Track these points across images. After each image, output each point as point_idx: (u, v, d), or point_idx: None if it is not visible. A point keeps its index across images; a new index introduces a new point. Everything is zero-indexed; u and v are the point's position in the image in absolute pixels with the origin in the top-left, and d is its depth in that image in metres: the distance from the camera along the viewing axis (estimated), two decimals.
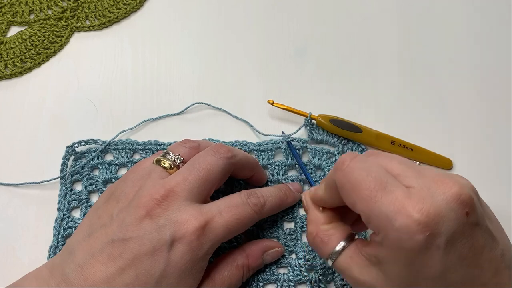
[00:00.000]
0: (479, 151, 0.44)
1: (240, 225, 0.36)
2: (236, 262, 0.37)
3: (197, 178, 0.35)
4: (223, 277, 0.37)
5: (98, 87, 0.48)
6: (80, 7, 0.51)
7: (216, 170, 0.36)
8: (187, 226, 0.33)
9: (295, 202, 0.41)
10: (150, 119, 0.46)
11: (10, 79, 0.48)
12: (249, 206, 0.36)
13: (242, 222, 0.36)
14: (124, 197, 0.35)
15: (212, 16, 0.51)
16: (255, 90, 0.47)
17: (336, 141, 0.44)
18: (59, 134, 0.45)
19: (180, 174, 0.36)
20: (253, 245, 0.39)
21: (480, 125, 0.45)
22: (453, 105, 0.46)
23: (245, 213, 0.36)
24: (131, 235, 0.33)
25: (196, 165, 0.36)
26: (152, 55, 0.49)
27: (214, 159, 0.36)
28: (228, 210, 0.35)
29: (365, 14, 0.50)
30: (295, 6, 0.51)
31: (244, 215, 0.36)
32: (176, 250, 0.33)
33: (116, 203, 0.35)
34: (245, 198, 0.37)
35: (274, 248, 0.39)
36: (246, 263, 0.38)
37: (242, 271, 0.37)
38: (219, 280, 0.36)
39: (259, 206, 0.37)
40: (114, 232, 0.34)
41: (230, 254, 0.38)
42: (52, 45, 0.50)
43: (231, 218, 0.35)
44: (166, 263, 0.33)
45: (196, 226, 0.33)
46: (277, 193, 0.39)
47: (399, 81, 0.47)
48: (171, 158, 0.37)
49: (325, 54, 0.49)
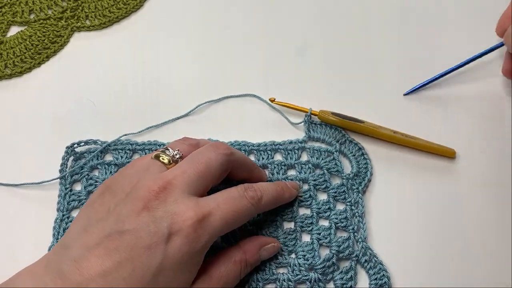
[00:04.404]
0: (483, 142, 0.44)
1: (237, 218, 0.36)
2: (234, 258, 0.37)
3: (196, 171, 0.35)
4: (221, 273, 0.36)
5: (98, 87, 0.48)
6: (80, 7, 0.51)
7: (215, 165, 0.36)
8: (184, 218, 0.33)
9: (292, 198, 0.41)
10: (155, 125, 0.46)
11: (10, 79, 0.49)
12: (246, 199, 0.36)
13: (240, 215, 0.36)
14: (121, 190, 0.35)
15: (212, 16, 0.51)
16: (256, 89, 0.47)
17: (333, 140, 0.43)
18: (58, 134, 0.45)
19: (179, 167, 0.36)
20: (250, 241, 0.39)
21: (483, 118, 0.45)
22: (454, 104, 0.46)
23: (242, 206, 0.36)
24: (128, 228, 0.33)
25: (195, 159, 0.36)
26: (152, 54, 0.49)
27: (213, 154, 0.37)
28: (226, 203, 0.35)
29: (366, 11, 0.50)
30: (295, 4, 0.51)
31: (241, 208, 0.36)
32: (173, 243, 0.33)
33: (113, 197, 0.35)
34: (242, 191, 0.37)
35: (270, 244, 0.39)
36: (244, 259, 0.38)
37: (240, 266, 0.37)
38: (217, 276, 0.36)
39: (256, 199, 0.37)
40: (110, 226, 0.33)
41: (227, 251, 0.38)
42: (52, 45, 0.50)
43: (228, 211, 0.35)
44: (163, 256, 0.32)
45: (194, 218, 0.33)
46: (274, 188, 0.39)
47: (400, 78, 0.47)
48: (170, 154, 0.37)
49: (326, 52, 0.49)
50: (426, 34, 0.49)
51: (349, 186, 0.42)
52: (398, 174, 0.43)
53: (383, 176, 0.43)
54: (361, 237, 0.40)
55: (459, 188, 0.42)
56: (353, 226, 0.40)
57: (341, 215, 0.41)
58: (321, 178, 0.42)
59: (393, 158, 0.43)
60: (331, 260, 0.39)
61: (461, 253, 0.40)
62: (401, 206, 0.41)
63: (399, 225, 0.41)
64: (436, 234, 0.40)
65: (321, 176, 0.42)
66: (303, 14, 0.51)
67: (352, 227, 0.40)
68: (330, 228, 0.40)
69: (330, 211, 0.41)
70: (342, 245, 0.39)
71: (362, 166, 0.42)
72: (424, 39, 0.49)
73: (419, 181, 0.42)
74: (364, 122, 0.44)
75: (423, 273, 0.39)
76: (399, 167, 0.43)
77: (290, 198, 0.41)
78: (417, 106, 0.46)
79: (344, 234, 0.40)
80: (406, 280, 0.39)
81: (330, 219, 0.41)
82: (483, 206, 0.41)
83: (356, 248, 0.40)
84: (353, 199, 0.41)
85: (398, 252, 0.40)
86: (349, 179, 0.42)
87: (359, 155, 0.43)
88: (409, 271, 0.39)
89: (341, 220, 0.40)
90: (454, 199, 0.42)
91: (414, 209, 0.41)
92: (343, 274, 0.39)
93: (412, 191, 0.42)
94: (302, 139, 0.44)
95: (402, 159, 0.43)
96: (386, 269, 0.39)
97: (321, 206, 0.41)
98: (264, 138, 0.44)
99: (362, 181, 0.42)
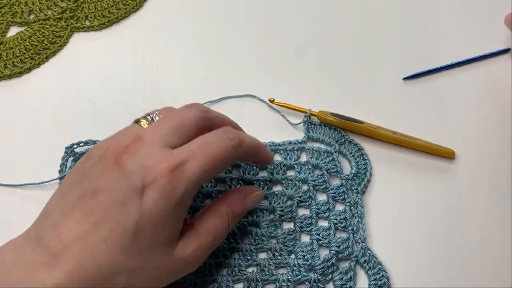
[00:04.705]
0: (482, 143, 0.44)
1: (216, 164, 0.34)
2: (220, 210, 0.36)
3: (168, 125, 0.34)
4: (209, 227, 0.35)
5: (97, 87, 0.48)
6: (80, 7, 0.51)
7: (189, 121, 0.35)
8: (157, 170, 0.32)
9: (270, 159, 0.40)
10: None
11: (9, 79, 0.49)
12: (225, 141, 0.34)
13: (219, 159, 0.34)
14: (97, 152, 0.34)
15: (212, 16, 0.51)
16: (256, 89, 0.47)
17: (333, 141, 0.44)
18: (58, 134, 0.45)
19: (152, 124, 0.35)
20: (234, 192, 0.38)
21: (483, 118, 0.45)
22: (454, 102, 0.46)
23: (221, 149, 0.34)
24: (100, 187, 0.32)
25: (169, 116, 0.35)
26: (152, 55, 0.49)
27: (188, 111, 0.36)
28: (201, 149, 0.33)
29: (366, 12, 0.50)
30: (295, 4, 0.51)
31: (220, 151, 0.34)
32: (148, 197, 0.31)
33: (89, 160, 0.34)
34: (220, 134, 0.35)
35: (254, 193, 0.39)
36: (230, 210, 0.36)
37: (227, 218, 0.36)
38: (205, 230, 0.35)
39: (237, 141, 0.35)
40: (85, 187, 0.32)
41: (212, 205, 0.37)
42: (52, 46, 0.50)
43: (205, 157, 0.33)
44: (139, 213, 0.31)
45: (166, 168, 0.32)
46: (253, 138, 0.38)
47: (400, 79, 0.47)
48: (150, 117, 0.36)
49: (325, 52, 0.49)
50: (426, 35, 0.49)
51: (348, 186, 0.42)
52: (397, 174, 0.43)
53: (382, 177, 0.43)
54: (361, 237, 0.40)
55: (458, 188, 0.42)
56: (352, 226, 0.40)
57: (340, 216, 0.41)
58: (320, 179, 0.42)
59: (392, 158, 0.43)
60: (330, 260, 0.39)
61: (461, 253, 0.40)
62: (401, 206, 0.41)
63: (399, 225, 0.41)
64: (435, 234, 0.40)
65: (320, 176, 0.42)
66: (303, 14, 0.51)
67: (352, 228, 0.40)
68: (329, 228, 0.40)
69: (330, 212, 0.41)
70: (342, 246, 0.39)
71: (362, 167, 0.42)
72: (424, 40, 0.49)
73: (418, 181, 0.42)
74: (364, 122, 0.44)
75: (423, 273, 0.39)
76: (399, 168, 0.43)
77: (268, 156, 0.40)
78: (417, 106, 0.46)
79: (344, 235, 0.40)
80: (405, 280, 0.39)
81: (330, 220, 0.41)
82: (483, 206, 0.41)
83: (356, 249, 0.40)
84: (353, 199, 0.41)
85: (397, 252, 0.40)
86: (349, 179, 0.42)
87: (358, 155, 0.43)
88: (408, 271, 0.39)
89: (341, 221, 0.40)
90: (453, 199, 0.42)
91: (413, 209, 0.41)
92: (342, 274, 0.39)
93: (412, 192, 0.42)
94: (302, 140, 0.44)
95: (401, 159, 0.43)
96: (385, 269, 0.38)
97: (321, 206, 0.41)
98: (263, 139, 0.44)
99: (361, 181, 0.42)
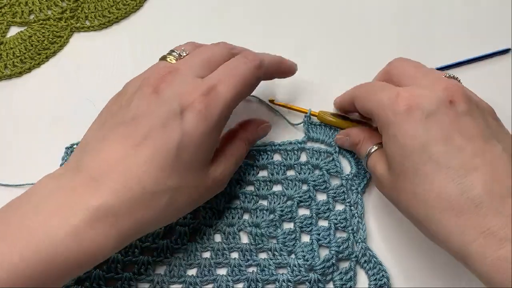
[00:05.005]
0: None
1: (245, 84, 0.37)
2: (239, 136, 0.40)
3: (200, 58, 0.37)
4: (232, 150, 0.39)
5: (97, 88, 0.48)
6: (80, 7, 0.51)
7: (218, 55, 0.38)
8: (193, 95, 0.34)
9: (293, 68, 0.43)
10: None
11: (9, 79, 0.49)
12: (247, 64, 0.38)
13: (245, 79, 0.37)
14: (131, 87, 0.36)
15: (212, 16, 0.51)
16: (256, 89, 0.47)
17: (333, 141, 0.44)
18: (58, 134, 0.45)
19: (186, 57, 0.38)
20: (248, 122, 0.42)
21: None
22: None
23: (245, 71, 0.37)
24: (140, 113, 0.34)
25: (199, 51, 0.38)
26: (152, 55, 0.49)
27: (218, 48, 0.39)
28: (228, 73, 0.37)
29: (366, 12, 0.50)
30: (295, 4, 0.51)
31: (244, 73, 0.37)
32: (187, 119, 0.34)
33: (125, 94, 0.36)
34: (241, 58, 0.38)
35: (264, 124, 0.43)
36: (246, 136, 0.41)
37: (245, 143, 0.40)
38: (229, 154, 0.39)
39: (258, 61, 0.38)
40: (123, 115, 0.34)
41: (230, 131, 0.41)
42: (52, 46, 0.50)
43: (234, 80, 0.36)
44: (181, 134, 0.33)
45: (200, 92, 0.35)
46: (272, 55, 0.41)
47: None
48: (176, 54, 0.39)
49: (326, 52, 0.49)
50: (426, 35, 0.49)
51: (348, 186, 0.42)
52: None
53: None
54: (361, 237, 0.40)
55: None
56: (352, 226, 0.40)
57: (340, 216, 0.41)
58: (320, 179, 0.42)
59: None
60: (330, 260, 0.39)
61: None
62: None
63: (399, 225, 0.41)
64: None
65: (320, 176, 0.42)
66: (303, 14, 0.51)
67: (352, 228, 0.40)
68: (329, 228, 0.40)
69: (330, 212, 0.41)
70: (342, 246, 0.39)
71: (362, 167, 0.42)
72: (424, 39, 0.49)
73: None
74: (364, 122, 0.44)
75: (423, 273, 0.39)
76: None
77: (291, 66, 0.43)
78: None
79: (344, 235, 0.40)
80: (405, 280, 0.39)
81: (330, 220, 0.41)
82: None
83: (356, 249, 0.40)
84: (353, 199, 0.41)
85: (397, 252, 0.40)
86: (349, 179, 0.42)
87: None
88: (408, 271, 0.39)
89: (341, 221, 0.40)
90: None
91: None
92: (342, 274, 0.39)
93: None
94: (302, 140, 0.44)
95: None
96: (385, 269, 0.39)
97: (321, 206, 0.41)
98: (263, 139, 0.44)
99: (361, 181, 0.42)
